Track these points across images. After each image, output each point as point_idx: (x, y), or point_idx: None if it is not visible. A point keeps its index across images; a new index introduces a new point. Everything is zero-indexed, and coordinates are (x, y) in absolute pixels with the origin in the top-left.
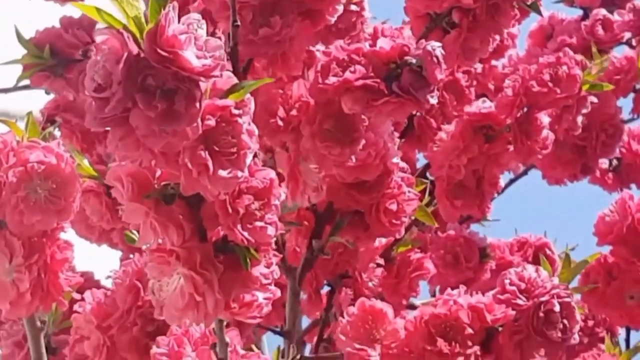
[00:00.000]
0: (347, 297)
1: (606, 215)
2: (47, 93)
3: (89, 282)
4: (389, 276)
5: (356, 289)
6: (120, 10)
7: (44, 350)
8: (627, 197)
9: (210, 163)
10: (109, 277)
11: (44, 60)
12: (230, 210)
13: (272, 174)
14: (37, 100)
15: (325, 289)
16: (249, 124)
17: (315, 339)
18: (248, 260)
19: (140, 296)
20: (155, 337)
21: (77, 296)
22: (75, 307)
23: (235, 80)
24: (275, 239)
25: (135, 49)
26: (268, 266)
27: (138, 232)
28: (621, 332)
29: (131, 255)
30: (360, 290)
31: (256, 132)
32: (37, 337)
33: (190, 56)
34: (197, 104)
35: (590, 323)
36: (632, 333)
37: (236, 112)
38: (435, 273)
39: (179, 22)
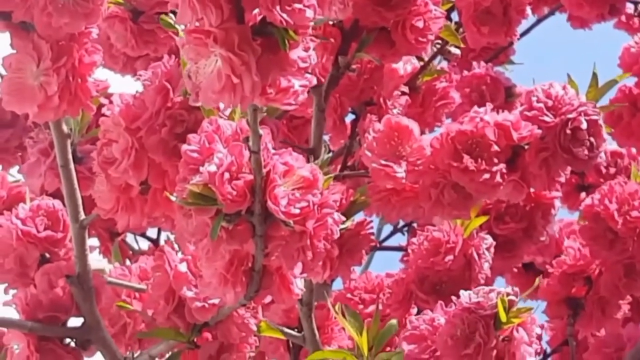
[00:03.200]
0: (371, 124)
1: (631, 46)
2: None
3: None
4: (413, 104)
5: (380, 116)
6: None
7: (70, 157)
8: None
9: None
10: (137, 79)
11: None
12: None
13: None
14: None
15: (350, 118)
16: None
17: (339, 167)
18: (286, 41)
19: (169, 97)
20: (184, 138)
21: (104, 101)
22: (104, 110)
23: None
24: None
25: None
26: (306, 50)
27: (174, 14)
28: None
29: None
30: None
31: None
32: (64, 143)
33: None
34: None
35: (612, 170)
36: None
37: None
38: (460, 110)
39: None
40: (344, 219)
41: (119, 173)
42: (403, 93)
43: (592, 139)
